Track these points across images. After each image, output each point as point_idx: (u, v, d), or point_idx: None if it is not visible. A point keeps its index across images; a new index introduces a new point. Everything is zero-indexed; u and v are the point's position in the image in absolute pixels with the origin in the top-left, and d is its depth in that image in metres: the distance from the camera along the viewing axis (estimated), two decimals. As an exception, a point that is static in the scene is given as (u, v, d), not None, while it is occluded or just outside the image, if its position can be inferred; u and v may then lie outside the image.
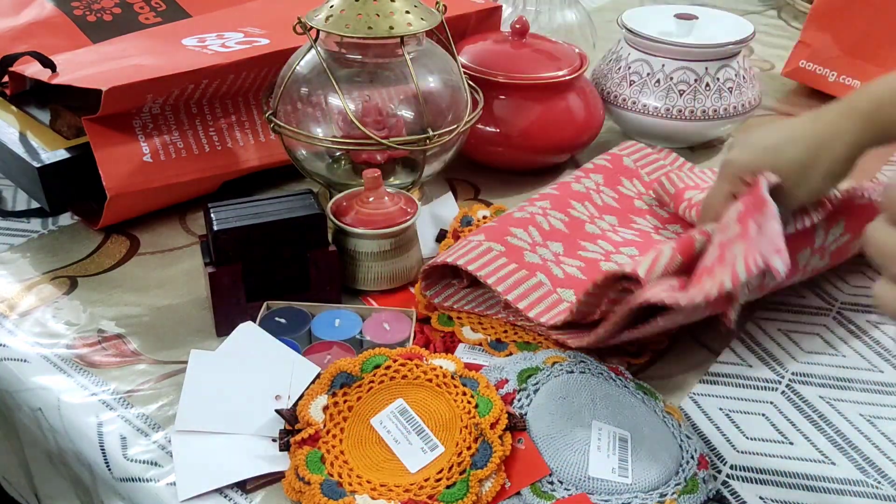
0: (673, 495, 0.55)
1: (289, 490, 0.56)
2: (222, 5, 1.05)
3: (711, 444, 0.62)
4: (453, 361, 0.63)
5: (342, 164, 0.88)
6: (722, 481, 0.59)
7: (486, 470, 0.55)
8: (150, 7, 1.07)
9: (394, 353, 0.63)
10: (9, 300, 0.76)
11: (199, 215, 0.89)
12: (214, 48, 0.87)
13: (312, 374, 0.63)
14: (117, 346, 0.71)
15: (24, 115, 0.90)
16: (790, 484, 0.59)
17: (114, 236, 0.85)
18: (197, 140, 0.85)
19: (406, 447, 0.57)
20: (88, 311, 0.75)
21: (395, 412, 0.60)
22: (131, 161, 0.81)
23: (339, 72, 0.80)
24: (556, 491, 0.55)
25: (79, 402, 0.65)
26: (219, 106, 0.87)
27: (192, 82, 0.82)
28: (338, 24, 0.75)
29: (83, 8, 1.04)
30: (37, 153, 0.83)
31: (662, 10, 1.06)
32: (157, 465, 0.59)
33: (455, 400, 0.60)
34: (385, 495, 0.55)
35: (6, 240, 0.85)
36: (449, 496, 0.54)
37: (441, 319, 0.72)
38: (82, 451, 0.63)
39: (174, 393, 0.65)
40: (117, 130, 0.81)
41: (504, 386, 0.62)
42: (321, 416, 0.59)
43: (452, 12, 0.98)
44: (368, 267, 0.75)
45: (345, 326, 0.69)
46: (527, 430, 0.59)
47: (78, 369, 0.68)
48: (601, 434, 0.59)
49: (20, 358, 0.69)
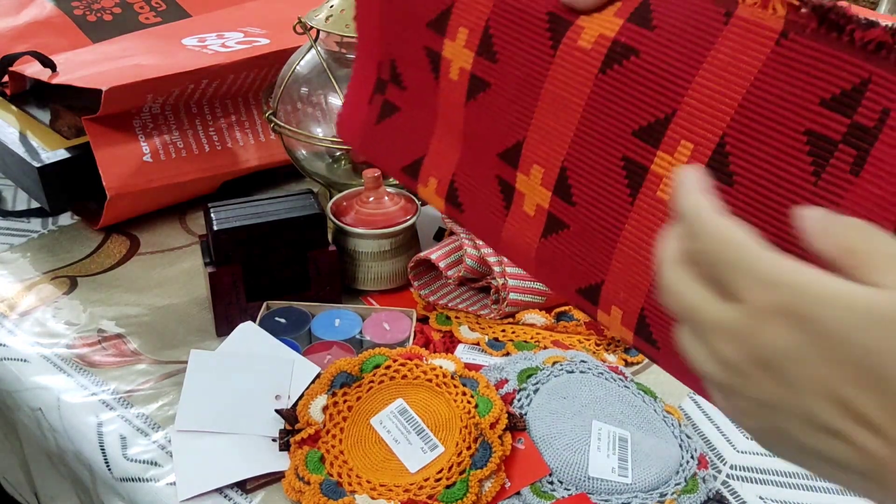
0: (673, 495, 0.55)
1: (289, 490, 0.56)
2: (222, 5, 1.05)
3: (711, 443, 0.62)
4: (453, 361, 0.63)
5: (342, 164, 0.88)
6: (722, 481, 0.59)
7: (485, 470, 0.55)
8: (150, 7, 1.07)
9: (394, 353, 0.63)
10: (9, 300, 0.76)
11: (199, 215, 0.89)
12: (214, 48, 0.87)
13: (312, 374, 0.63)
14: (117, 345, 0.71)
15: (24, 115, 0.90)
16: (790, 484, 0.59)
17: (114, 236, 0.85)
18: (197, 140, 0.85)
19: (406, 447, 0.57)
20: (88, 311, 0.75)
21: (394, 412, 0.60)
22: (131, 161, 0.81)
23: (339, 72, 0.80)
24: (556, 491, 0.55)
25: (79, 401, 0.65)
26: (219, 106, 0.87)
27: (192, 82, 0.82)
28: (338, 24, 0.75)
29: (83, 8, 1.04)
30: (37, 153, 0.83)
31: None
32: (157, 465, 0.59)
33: (455, 400, 0.60)
34: (385, 495, 0.55)
35: (6, 240, 0.85)
36: (449, 496, 0.54)
37: (439, 319, 0.72)
38: (82, 451, 0.62)
39: (174, 393, 0.65)
40: (117, 130, 0.81)
41: (504, 386, 0.62)
42: (321, 416, 0.59)
43: (452, 12, 0.98)
44: (368, 267, 0.75)
45: (345, 326, 0.69)
46: (527, 430, 0.59)
47: (78, 369, 0.68)
48: (601, 434, 0.59)
49: (20, 358, 0.69)
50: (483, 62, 0.52)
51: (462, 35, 0.53)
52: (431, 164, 0.58)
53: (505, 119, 0.53)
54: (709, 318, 0.32)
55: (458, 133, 0.55)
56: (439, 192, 0.58)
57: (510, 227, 0.55)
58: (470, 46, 0.53)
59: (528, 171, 0.53)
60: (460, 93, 0.54)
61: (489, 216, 0.56)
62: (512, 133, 0.53)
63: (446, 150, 0.57)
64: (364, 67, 0.59)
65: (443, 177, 0.57)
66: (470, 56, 0.53)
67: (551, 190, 0.52)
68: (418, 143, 0.58)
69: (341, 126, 0.62)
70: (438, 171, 0.57)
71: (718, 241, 0.32)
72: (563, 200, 0.51)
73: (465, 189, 0.57)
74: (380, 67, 0.59)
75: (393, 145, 0.59)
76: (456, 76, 0.54)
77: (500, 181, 0.54)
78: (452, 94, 0.55)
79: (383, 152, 0.60)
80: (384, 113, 0.59)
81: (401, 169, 0.59)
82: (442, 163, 0.57)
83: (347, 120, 0.62)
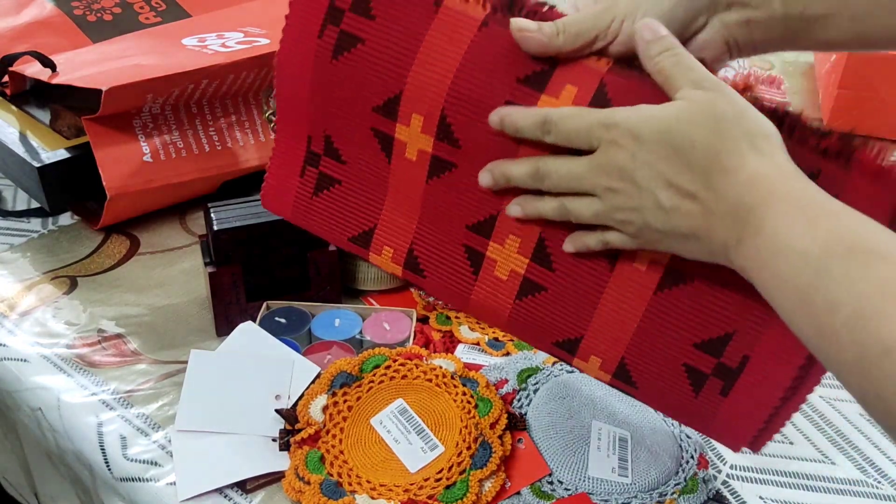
0: (673, 495, 0.55)
1: (289, 490, 0.56)
2: (222, 5, 1.05)
3: (711, 443, 0.62)
4: (453, 361, 0.63)
5: (342, 163, 0.88)
6: (722, 481, 0.59)
7: (485, 470, 0.55)
8: (150, 7, 1.07)
9: (394, 353, 0.63)
10: (9, 300, 0.76)
11: (199, 215, 0.89)
12: (214, 48, 0.87)
13: (312, 374, 0.63)
14: (117, 345, 0.71)
15: (24, 115, 0.90)
16: (790, 484, 0.59)
17: (114, 236, 0.85)
18: (197, 140, 0.85)
19: (406, 447, 0.57)
20: (88, 311, 0.75)
21: (394, 412, 0.60)
22: (131, 161, 0.81)
23: (339, 72, 0.80)
24: (555, 491, 0.55)
25: (79, 401, 0.65)
26: (219, 106, 0.87)
27: (192, 82, 0.82)
28: (338, 24, 0.75)
29: (83, 8, 1.04)
30: (37, 153, 0.83)
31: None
32: (157, 464, 0.59)
33: (455, 400, 0.60)
34: (385, 495, 0.55)
35: (6, 240, 0.85)
36: (449, 496, 0.54)
37: (439, 319, 0.72)
38: (82, 451, 0.62)
39: (174, 393, 0.65)
40: (117, 130, 0.81)
41: (504, 386, 0.62)
42: (321, 416, 0.59)
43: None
44: (368, 267, 0.75)
45: (345, 326, 0.69)
46: (527, 430, 0.59)
47: (78, 369, 0.68)
48: (601, 434, 0.59)
49: (20, 358, 0.69)
50: (445, 146, 0.56)
51: (417, 121, 0.56)
52: (385, 234, 0.60)
53: (475, 195, 0.56)
54: (578, 171, 0.46)
55: (416, 206, 0.58)
56: (396, 261, 0.60)
57: (480, 292, 0.59)
58: (427, 132, 0.56)
59: (504, 241, 0.56)
60: (420, 172, 0.57)
61: (455, 282, 0.59)
62: (484, 208, 0.56)
63: (401, 222, 0.59)
64: (289, 141, 0.61)
65: (399, 246, 0.60)
66: (429, 140, 0.56)
67: (529, 257, 0.56)
68: (366, 215, 0.60)
69: (267, 197, 0.64)
70: (393, 240, 0.60)
71: (568, 118, 0.46)
72: (543, 266, 0.56)
73: (427, 257, 0.60)
74: (310, 141, 0.60)
75: (335, 216, 0.62)
76: (414, 157, 0.57)
77: (467, 249, 0.58)
78: (410, 172, 0.58)
79: (324, 223, 0.62)
80: (321, 185, 0.61)
81: (348, 239, 0.61)
82: (397, 233, 0.60)
83: (274, 191, 0.63)
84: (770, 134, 0.43)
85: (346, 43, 0.55)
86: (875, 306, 0.36)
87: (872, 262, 0.37)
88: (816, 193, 0.41)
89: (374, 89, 0.56)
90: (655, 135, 0.43)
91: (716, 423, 0.58)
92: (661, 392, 0.56)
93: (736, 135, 0.42)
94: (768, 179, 0.41)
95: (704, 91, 0.43)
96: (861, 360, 0.36)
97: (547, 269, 0.56)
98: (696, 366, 0.55)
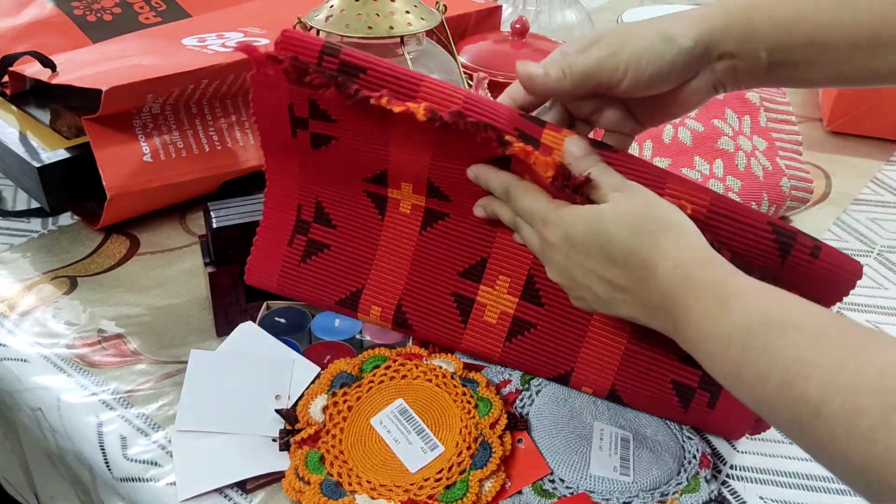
0: (674, 494, 0.55)
1: (289, 490, 0.56)
2: (222, 5, 1.05)
3: (712, 443, 0.62)
4: (453, 361, 0.63)
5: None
6: (722, 481, 0.59)
7: (485, 470, 0.55)
8: (150, 7, 1.07)
9: (394, 353, 0.63)
10: (9, 300, 0.76)
11: (199, 215, 0.89)
12: (214, 48, 0.87)
13: (312, 374, 0.63)
14: (117, 345, 0.71)
15: (24, 115, 0.90)
16: (790, 484, 0.59)
17: (114, 236, 0.85)
18: (197, 140, 0.85)
19: (406, 447, 0.57)
20: (88, 311, 0.75)
21: (394, 412, 0.59)
22: (131, 161, 0.81)
23: (339, 72, 0.80)
24: (557, 489, 0.55)
25: (79, 402, 0.65)
26: (219, 106, 0.87)
27: (192, 82, 0.82)
28: (338, 24, 0.75)
29: (83, 8, 1.04)
30: (37, 153, 0.83)
31: (662, 9, 1.06)
32: (157, 465, 0.59)
33: (455, 400, 0.60)
34: (385, 495, 0.55)
35: (6, 240, 0.85)
36: (449, 496, 0.54)
37: (441, 319, 0.72)
38: (82, 451, 0.62)
39: (174, 393, 0.65)
40: (117, 130, 0.81)
41: (507, 386, 0.62)
42: (321, 416, 0.59)
43: (452, 12, 0.98)
44: (368, 267, 0.75)
45: (345, 326, 0.69)
46: (528, 431, 0.59)
47: (78, 369, 0.68)
48: (603, 434, 0.59)
49: (20, 358, 0.69)
50: (436, 201, 0.60)
51: (407, 188, 0.59)
52: (373, 294, 0.63)
53: (467, 240, 0.60)
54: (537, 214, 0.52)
55: (406, 261, 0.61)
56: (384, 319, 0.63)
57: (469, 338, 0.62)
58: (418, 192, 0.60)
59: (494, 283, 0.60)
60: (414, 223, 0.61)
61: (445, 332, 0.63)
62: (475, 252, 0.60)
63: (389, 279, 0.62)
64: (278, 214, 0.64)
65: (387, 304, 0.63)
66: (421, 198, 0.60)
67: (518, 296, 0.60)
68: (355, 277, 0.63)
69: (252, 273, 0.65)
70: (381, 299, 0.63)
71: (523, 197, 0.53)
72: (532, 303, 0.60)
73: (415, 312, 0.63)
74: (300, 210, 0.63)
75: (323, 281, 0.64)
76: (409, 210, 0.60)
77: (457, 298, 0.62)
78: (404, 224, 0.61)
79: (311, 289, 0.64)
80: (309, 252, 0.63)
81: (335, 302, 0.64)
82: (385, 291, 0.63)
83: (260, 266, 0.65)
84: (681, 223, 0.48)
85: (320, 140, 0.58)
86: (796, 371, 0.39)
87: (787, 332, 0.40)
88: (728, 275, 0.45)
89: (361, 167, 0.59)
90: (583, 235, 0.49)
91: (710, 426, 0.61)
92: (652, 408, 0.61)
93: (651, 229, 0.47)
94: (683, 269, 0.46)
95: (623, 193, 0.50)
96: (796, 422, 0.39)
97: (536, 306, 0.60)
98: (683, 381, 0.59)
